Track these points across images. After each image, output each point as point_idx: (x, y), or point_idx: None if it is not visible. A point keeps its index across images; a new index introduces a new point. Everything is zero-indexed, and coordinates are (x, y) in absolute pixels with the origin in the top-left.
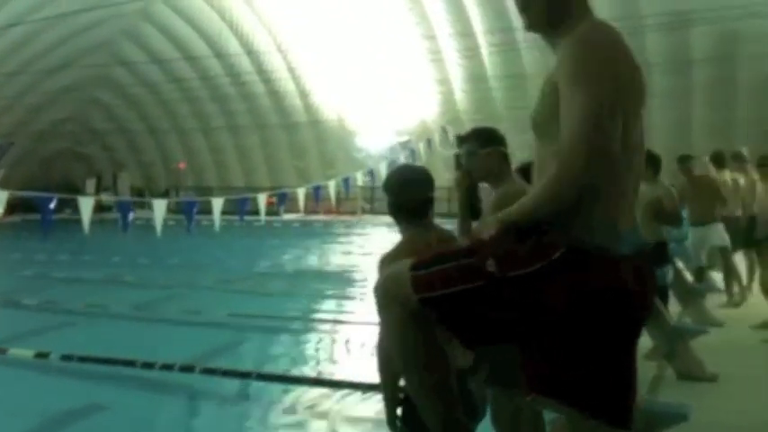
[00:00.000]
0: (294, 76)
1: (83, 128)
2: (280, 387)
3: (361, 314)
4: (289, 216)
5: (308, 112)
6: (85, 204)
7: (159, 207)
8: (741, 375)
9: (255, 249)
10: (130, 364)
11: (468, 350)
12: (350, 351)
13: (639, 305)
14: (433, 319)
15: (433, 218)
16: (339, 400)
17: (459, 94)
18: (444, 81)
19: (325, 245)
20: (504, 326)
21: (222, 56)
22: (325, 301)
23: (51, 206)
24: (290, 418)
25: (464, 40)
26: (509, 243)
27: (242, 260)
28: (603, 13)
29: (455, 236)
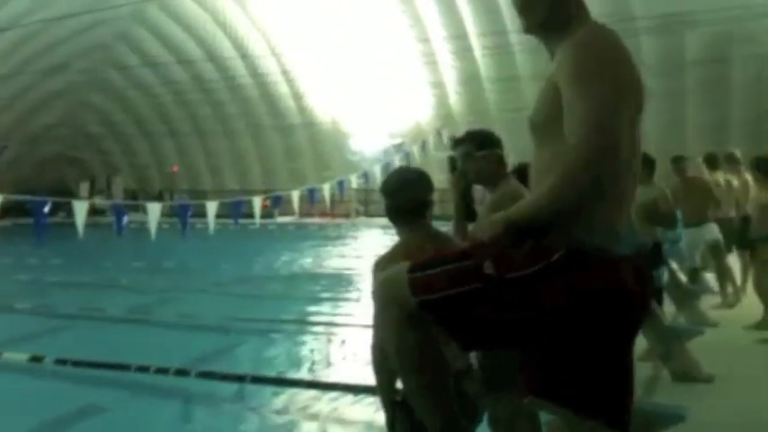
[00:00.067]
0: (288, 79)
1: (76, 131)
2: (275, 390)
3: (356, 317)
4: (283, 219)
5: (302, 114)
6: (79, 208)
7: (154, 210)
8: (737, 376)
9: (250, 252)
10: (125, 367)
11: (465, 352)
12: (345, 354)
13: (639, 305)
14: (430, 322)
15: (431, 220)
16: (335, 402)
17: (453, 97)
18: (438, 83)
19: (320, 247)
20: (502, 328)
21: (216, 59)
22: (320, 303)
23: (45, 210)
24: (285, 420)
25: (457, 42)
26: (508, 244)
27: (236, 263)
28: (595, 15)
29: (451, 238)
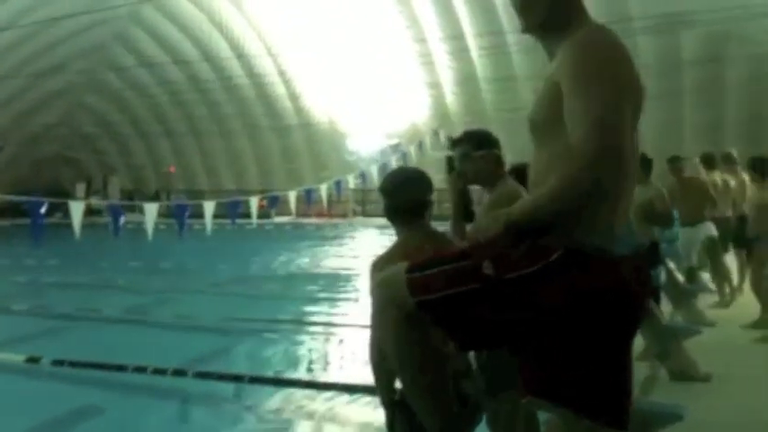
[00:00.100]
0: (285, 79)
1: (73, 131)
2: (273, 390)
3: (354, 316)
4: (280, 219)
5: (298, 114)
6: (76, 208)
7: (150, 211)
8: (734, 375)
9: (247, 253)
10: (122, 368)
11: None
12: (342, 353)
13: (639, 305)
14: (428, 322)
15: (430, 220)
16: (332, 402)
17: (450, 97)
18: (435, 84)
19: (317, 247)
20: (501, 328)
21: (212, 59)
22: (318, 303)
23: (42, 211)
24: (282, 420)
25: (454, 42)
26: (508, 244)
27: (234, 263)
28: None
29: (450, 238)
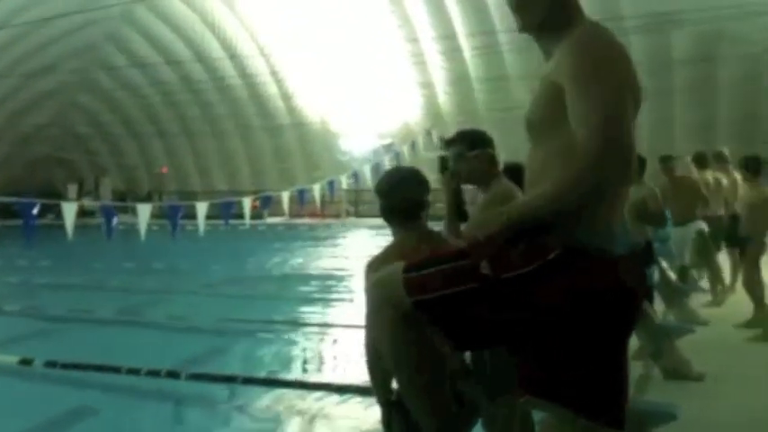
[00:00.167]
0: (277, 79)
1: (65, 132)
2: (266, 391)
3: (348, 317)
4: (273, 219)
5: (291, 114)
6: (68, 209)
7: (143, 212)
8: (727, 374)
9: (240, 253)
10: (116, 370)
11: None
12: (336, 354)
13: (636, 305)
14: (425, 322)
15: (427, 221)
16: (326, 403)
17: (443, 97)
18: (427, 83)
19: (310, 248)
20: (499, 328)
21: (204, 59)
22: (311, 304)
23: (34, 212)
24: (276, 421)
25: (446, 42)
26: (507, 243)
27: (227, 264)
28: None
29: (446, 238)
